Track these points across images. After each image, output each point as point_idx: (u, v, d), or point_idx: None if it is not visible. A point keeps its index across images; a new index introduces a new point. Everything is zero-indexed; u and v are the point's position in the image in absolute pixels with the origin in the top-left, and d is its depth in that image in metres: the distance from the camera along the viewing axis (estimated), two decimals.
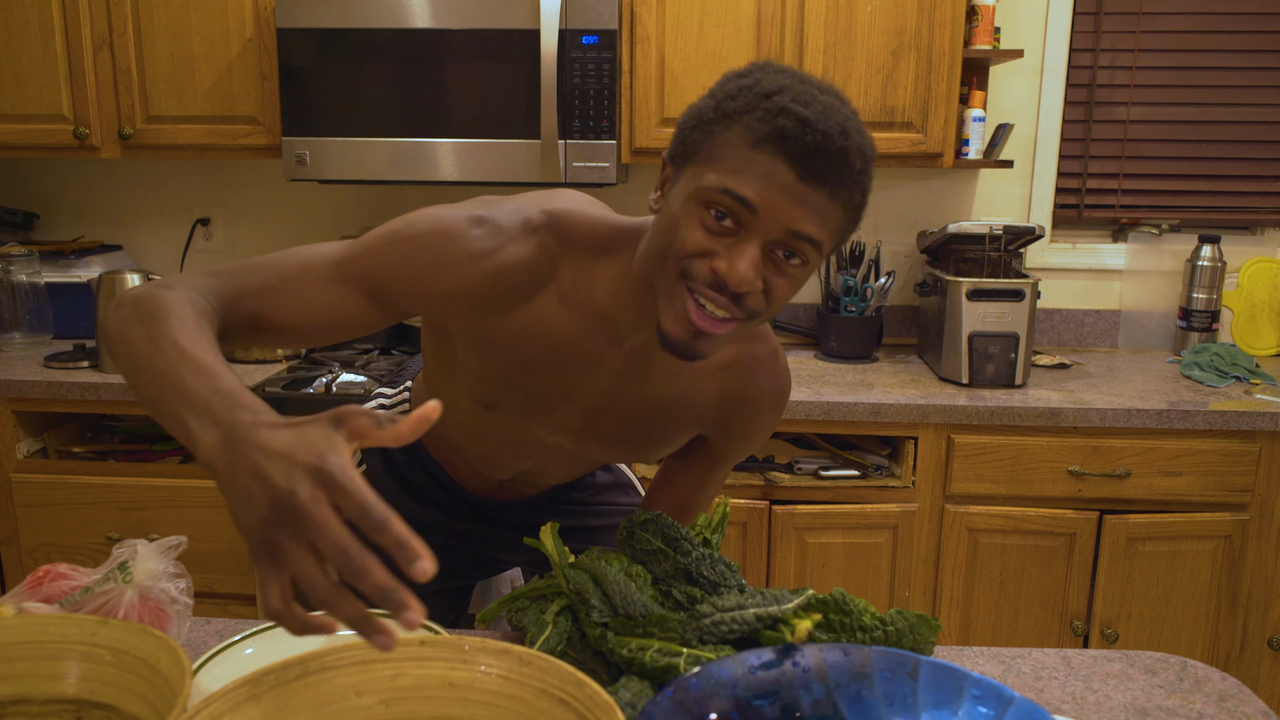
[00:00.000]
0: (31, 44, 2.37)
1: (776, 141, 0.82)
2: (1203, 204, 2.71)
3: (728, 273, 0.84)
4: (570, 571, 0.99)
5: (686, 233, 0.86)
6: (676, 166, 0.90)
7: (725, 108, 0.85)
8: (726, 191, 0.83)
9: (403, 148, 2.29)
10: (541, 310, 0.99)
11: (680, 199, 0.87)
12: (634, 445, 1.14)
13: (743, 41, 2.29)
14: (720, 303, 0.86)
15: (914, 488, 2.16)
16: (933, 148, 2.32)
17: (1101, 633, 2.18)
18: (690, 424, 1.12)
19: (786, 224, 0.84)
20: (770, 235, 0.84)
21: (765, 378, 1.10)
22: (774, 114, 0.82)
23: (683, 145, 0.89)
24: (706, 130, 0.86)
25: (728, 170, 0.84)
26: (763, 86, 0.85)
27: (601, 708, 0.64)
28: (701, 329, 0.88)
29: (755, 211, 0.83)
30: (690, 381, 1.07)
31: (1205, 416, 2.09)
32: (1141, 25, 2.61)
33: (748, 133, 0.83)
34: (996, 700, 0.79)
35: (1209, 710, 0.95)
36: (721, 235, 0.85)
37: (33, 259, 2.57)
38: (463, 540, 1.32)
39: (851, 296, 2.49)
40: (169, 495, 2.24)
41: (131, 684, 0.72)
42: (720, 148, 0.85)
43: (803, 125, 0.81)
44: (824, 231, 0.85)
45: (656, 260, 0.89)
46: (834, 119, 0.83)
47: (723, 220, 0.85)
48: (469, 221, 0.94)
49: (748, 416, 1.12)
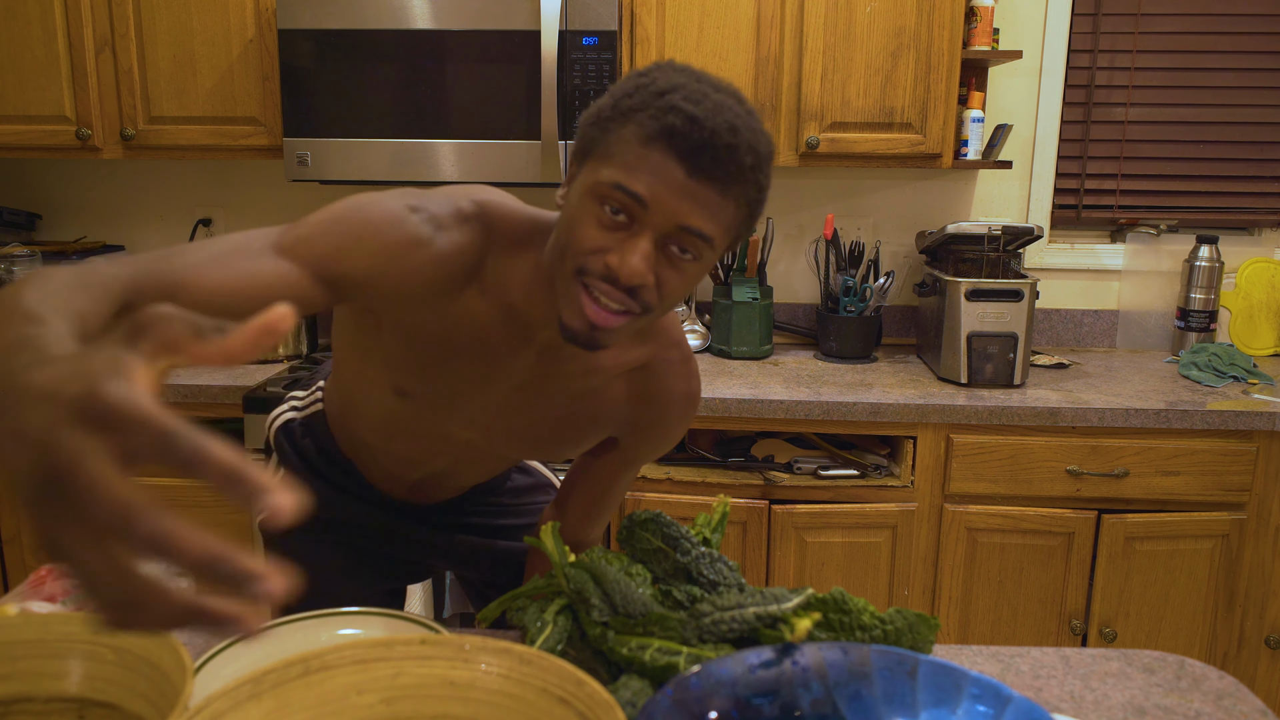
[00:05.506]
0: (34, 45, 2.38)
1: (666, 138, 0.84)
2: (1201, 204, 2.71)
3: (619, 266, 0.86)
4: (570, 571, 0.99)
5: (582, 229, 0.88)
6: (578, 162, 0.92)
7: (621, 105, 0.88)
8: (618, 187, 0.85)
9: (403, 148, 2.30)
10: (465, 302, 1.00)
11: (578, 194, 0.90)
12: (545, 443, 1.15)
13: (742, 42, 2.29)
14: (614, 296, 0.88)
15: (913, 487, 2.17)
16: (932, 148, 2.32)
17: (1100, 632, 2.18)
18: (601, 423, 1.14)
19: (676, 219, 0.86)
20: (661, 229, 0.86)
21: (676, 380, 1.12)
22: (665, 111, 0.84)
23: (582, 141, 0.91)
24: (603, 127, 0.88)
25: (621, 166, 0.86)
26: (658, 85, 0.87)
27: (602, 706, 0.64)
28: (595, 323, 0.90)
29: (646, 206, 0.85)
30: (601, 380, 1.09)
31: (1203, 416, 2.09)
32: (1140, 26, 2.62)
33: (640, 130, 0.85)
34: (995, 699, 0.79)
35: (1207, 709, 0.95)
36: (615, 230, 0.87)
37: (35, 260, 2.57)
38: (389, 541, 1.33)
39: (851, 297, 2.50)
40: (170, 495, 2.25)
41: (134, 683, 0.73)
42: (615, 144, 0.87)
43: (691, 122, 0.83)
44: (714, 226, 0.87)
45: (556, 256, 0.92)
46: (723, 116, 0.84)
47: (616, 215, 0.87)
48: (408, 209, 0.95)
49: (656, 418, 1.14)
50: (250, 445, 2.19)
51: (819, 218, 2.69)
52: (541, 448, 1.17)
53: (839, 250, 2.55)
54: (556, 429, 1.12)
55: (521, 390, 1.08)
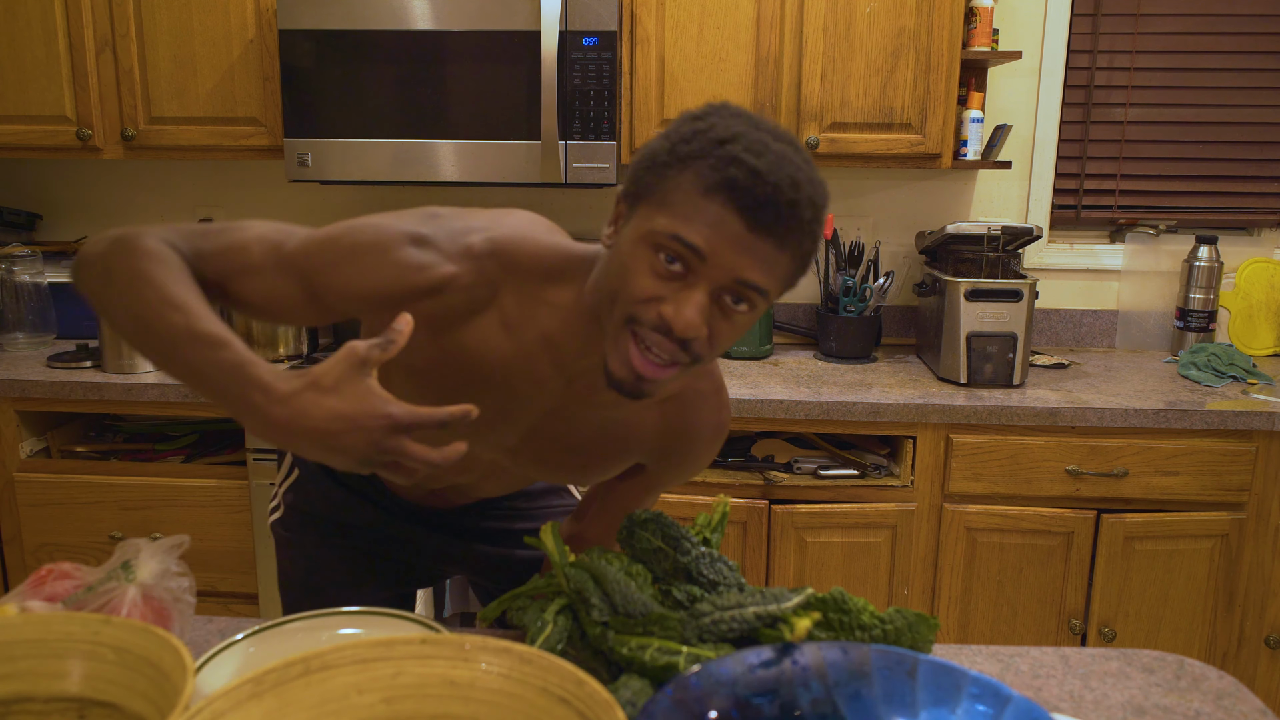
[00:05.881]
0: (34, 45, 2.38)
1: (727, 191, 0.82)
2: (1200, 205, 2.71)
3: (674, 318, 0.85)
4: (570, 570, 0.99)
5: (636, 278, 0.86)
6: (630, 204, 0.90)
7: (679, 151, 0.86)
8: (676, 238, 0.84)
9: (404, 149, 2.30)
10: (481, 334, 0.98)
11: (631, 239, 0.88)
12: (570, 470, 1.14)
13: (742, 43, 2.30)
14: (665, 347, 0.87)
15: (912, 487, 2.17)
16: (931, 149, 2.32)
17: (1099, 631, 2.18)
18: (629, 451, 1.12)
19: (734, 272, 0.84)
20: (718, 282, 0.85)
21: (707, 413, 1.11)
22: (726, 163, 0.83)
23: (636, 185, 0.89)
24: (660, 173, 0.87)
25: (678, 216, 0.84)
26: (717, 132, 0.85)
27: (602, 706, 0.65)
28: (643, 374, 0.89)
29: (704, 258, 0.84)
30: (632, 411, 1.08)
31: (1202, 416, 2.10)
32: (1139, 27, 2.62)
33: (699, 179, 0.84)
34: (995, 699, 0.79)
35: (1206, 708, 0.95)
36: (670, 280, 0.86)
37: (36, 259, 2.58)
38: (401, 547, 1.33)
39: (850, 297, 2.50)
40: (171, 494, 2.25)
41: (134, 682, 0.73)
42: (672, 192, 0.85)
43: (754, 176, 0.82)
44: (770, 280, 0.86)
45: (606, 301, 0.90)
46: (786, 170, 0.83)
47: (672, 264, 0.85)
48: (405, 237, 0.94)
49: (685, 449, 1.13)
50: (251, 445, 2.19)
51: None
52: (568, 473, 1.15)
53: (839, 250, 2.55)
54: (584, 456, 1.11)
55: (551, 417, 1.07)
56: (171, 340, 0.86)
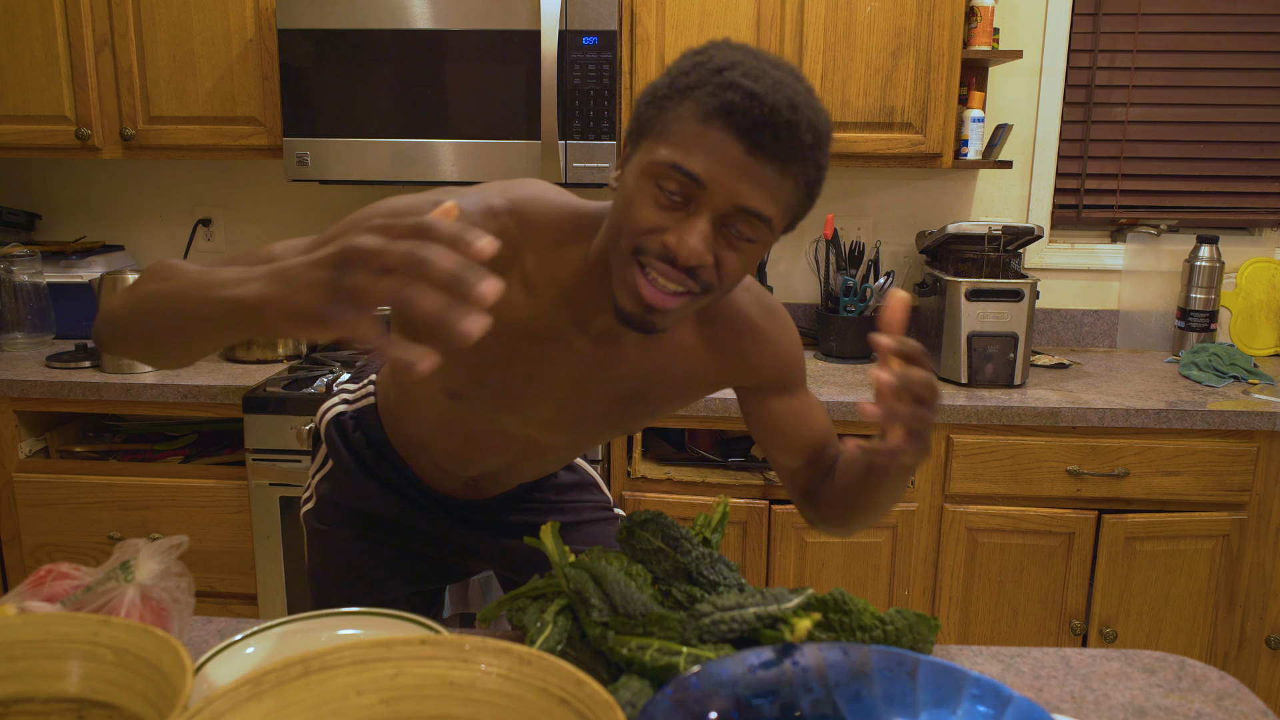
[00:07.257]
0: (33, 45, 2.38)
1: (725, 115, 0.83)
2: (1201, 204, 2.71)
3: (677, 246, 0.85)
4: (570, 571, 0.99)
5: (639, 210, 0.87)
6: (633, 142, 0.91)
7: (678, 84, 0.86)
8: (675, 167, 0.84)
9: (403, 148, 2.30)
10: (505, 296, 0.98)
11: (634, 175, 0.88)
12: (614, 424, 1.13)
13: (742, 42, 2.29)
14: (672, 276, 0.87)
15: (913, 487, 2.17)
16: (932, 148, 2.32)
17: (1100, 632, 2.18)
18: (681, 389, 1.10)
19: (735, 199, 0.84)
20: (719, 210, 0.85)
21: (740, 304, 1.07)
22: (723, 88, 0.83)
23: (638, 122, 0.90)
24: (660, 106, 0.87)
25: (678, 145, 0.84)
26: (715, 62, 0.85)
27: (602, 707, 0.64)
28: (651, 304, 0.88)
29: (704, 186, 0.84)
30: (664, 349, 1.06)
31: (1203, 416, 2.09)
32: (1140, 26, 2.61)
33: (698, 107, 0.84)
34: (995, 699, 0.79)
35: (1207, 709, 0.95)
36: (672, 210, 0.86)
37: (35, 259, 2.58)
38: (431, 542, 1.32)
39: (851, 297, 2.50)
40: (170, 495, 2.25)
41: (133, 683, 0.72)
42: (672, 123, 0.85)
43: (750, 99, 0.82)
44: (773, 206, 0.86)
45: (611, 238, 0.90)
46: (783, 93, 0.83)
47: (673, 195, 0.85)
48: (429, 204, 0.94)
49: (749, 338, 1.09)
50: (250, 445, 2.19)
51: (819, 217, 2.69)
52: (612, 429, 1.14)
53: (839, 250, 2.55)
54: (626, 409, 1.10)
55: (580, 383, 1.06)
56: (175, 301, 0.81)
